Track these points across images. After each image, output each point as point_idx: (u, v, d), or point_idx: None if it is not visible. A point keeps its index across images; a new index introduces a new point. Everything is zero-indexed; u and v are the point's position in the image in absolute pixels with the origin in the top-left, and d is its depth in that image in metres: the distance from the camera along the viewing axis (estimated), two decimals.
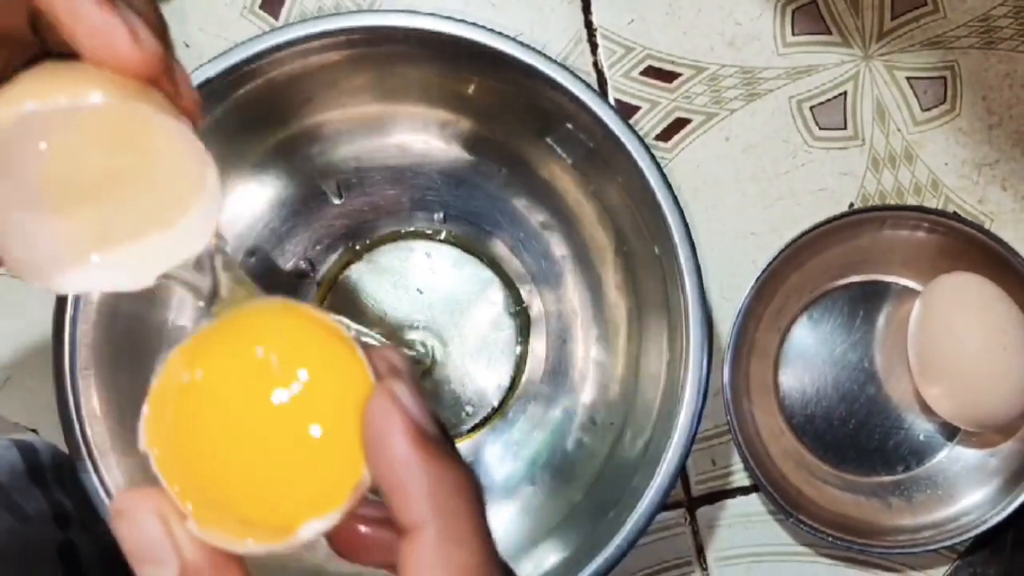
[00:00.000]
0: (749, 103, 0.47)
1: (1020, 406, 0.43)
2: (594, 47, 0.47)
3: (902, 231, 0.45)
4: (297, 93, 0.40)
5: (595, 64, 0.47)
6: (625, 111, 0.47)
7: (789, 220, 0.47)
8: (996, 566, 0.46)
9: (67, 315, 0.37)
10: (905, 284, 0.47)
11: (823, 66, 0.47)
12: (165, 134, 0.20)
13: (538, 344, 0.46)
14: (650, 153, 0.37)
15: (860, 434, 0.47)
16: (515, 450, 0.45)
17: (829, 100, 0.47)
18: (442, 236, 0.46)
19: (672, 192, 0.37)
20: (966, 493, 0.46)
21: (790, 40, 0.47)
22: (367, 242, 0.46)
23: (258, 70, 0.38)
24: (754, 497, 0.47)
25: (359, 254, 0.46)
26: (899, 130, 0.47)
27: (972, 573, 0.47)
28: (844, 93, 0.47)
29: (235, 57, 0.37)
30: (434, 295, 0.46)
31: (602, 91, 0.46)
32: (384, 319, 0.45)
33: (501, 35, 0.37)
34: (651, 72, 0.47)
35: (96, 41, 0.20)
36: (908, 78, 0.47)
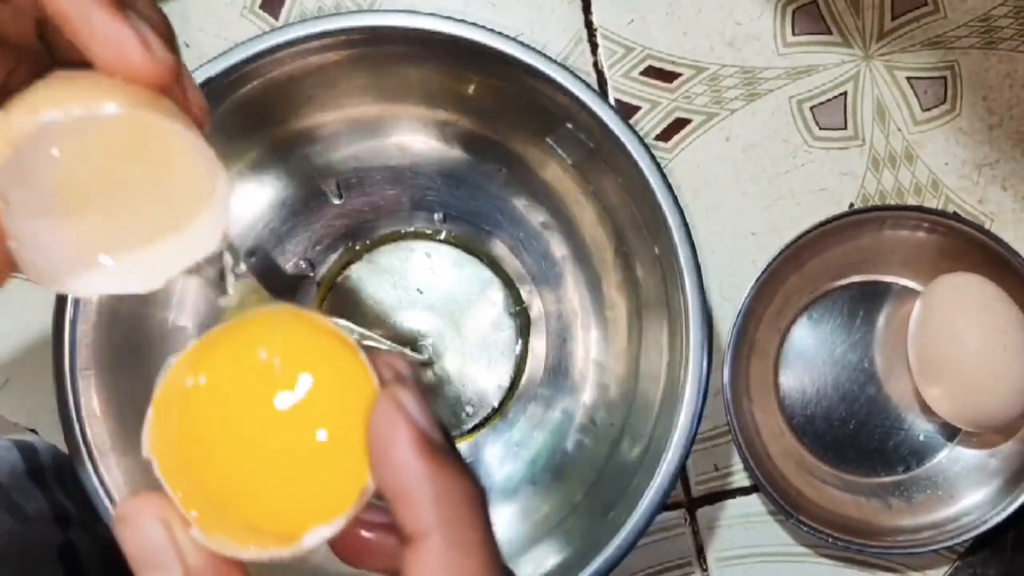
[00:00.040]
0: (749, 103, 0.47)
1: (1020, 406, 0.43)
2: (594, 47, 0.47)
3: (902, 231, 0.45)
4: (297, 93, 0.40)
5: (595, 64, 0.47)
6: (625, 111, 0.47)
7: (789, 220, 0.47)
8: (996, 567, 0.46)
9: (67, 315, 0.37)
10: (905, 284, 0.47)
11: (823, 66, 0.47)
12: (176, 142, 0.21)
13: (538, 344, 0.46)
14: (650, 153, 0.37)
15: (860, 434, 0.47)
16: (515, 450, 0.45)
17: (829, 100, 0.47)
18: (442, 236, 0.46)
19: (672, 192, 0.37)
20: (966, 493, 0.46)
21: (790, 40, 0.47)
22: (367, 242, 0.46)
23: (258, 70, 0.38)
24: (754, 497, 0.47)
25: (359, 254, 0.46)
26: (899, 130, 0.47)
27: (972, 574, 0.47)
28: (844, 93, 0.47)
29: (235, 57, 0.37)
30: (434, 295, 0.46)
31: (602, 91, 0.46)
32: (384, 319, 0.45)
33: (501, 35, 0.37)
34: (651, 72, 0.47)
35: (108, 51, 0.20)
36: (908, 78, 0.47)
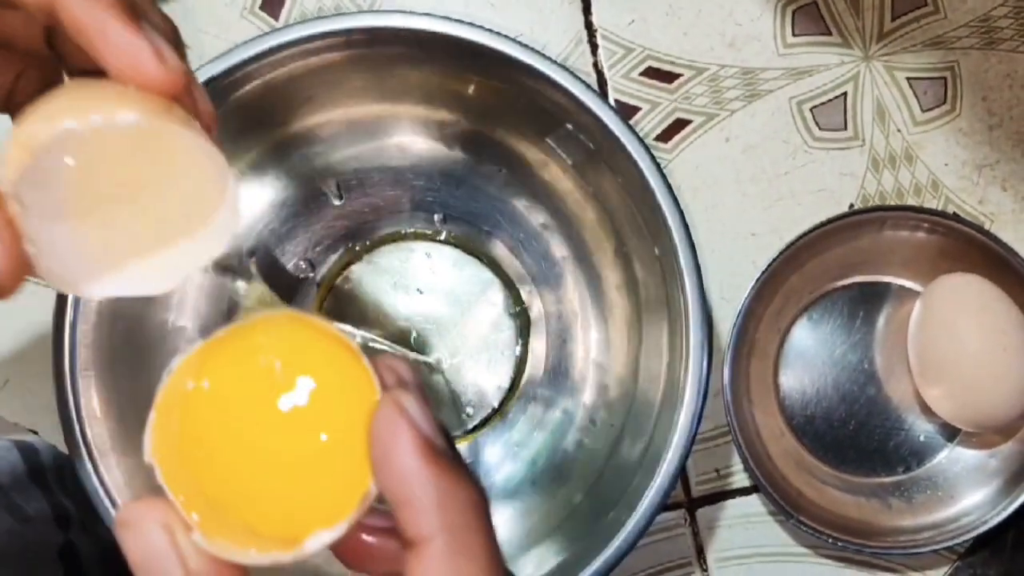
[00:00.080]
0: (749, 104, 0.47)
1: (1020, 407, 0.43)
2: (594, 48, 0.47)
3: (902, 232, 0.45)
4: (297, 94, 0.40)
5: (595, 65, 0.47)
6: (625, 112, 0.47)
7: (789, 221, 0.47)
8: (996, 567, 0.46)
9: (67, 316, 0.37)
10: (905, 285, 0.47)
11: (823, 67, 0.47)
12: (188, 150, 0.21)
13: (538, 345, 0.46)
14: (650, 154, 0.37)
15: (860, 435, 0.47)
16: (515, 451, 0.45)
17: (829, 101, 0.47)
18: (442, 237, 0.46)
19: (672, 193, 0.37)
20: (966, 494, 0.46)
21: (790, 41, 0.47)
22: (367, 243, 0.46)
23: (258, 71, 0.38)
24: (754, 498, 0.47)
25: (359, 255, 0.46)
26: (899, 131, 0.47)
27: (972, 574, 0.47)
28: (844, 94, 0.47)
29: (235, 58, 0.37)
30: (434, 296, 0.46)
31: (602, 92, 0.46)
32: (384, 320, 0.45)
33: (501, 36, 0.37)
34: (651, 73, 0.47)
35: (123, 61, 0.20)
36: (908, 79, 0.47)
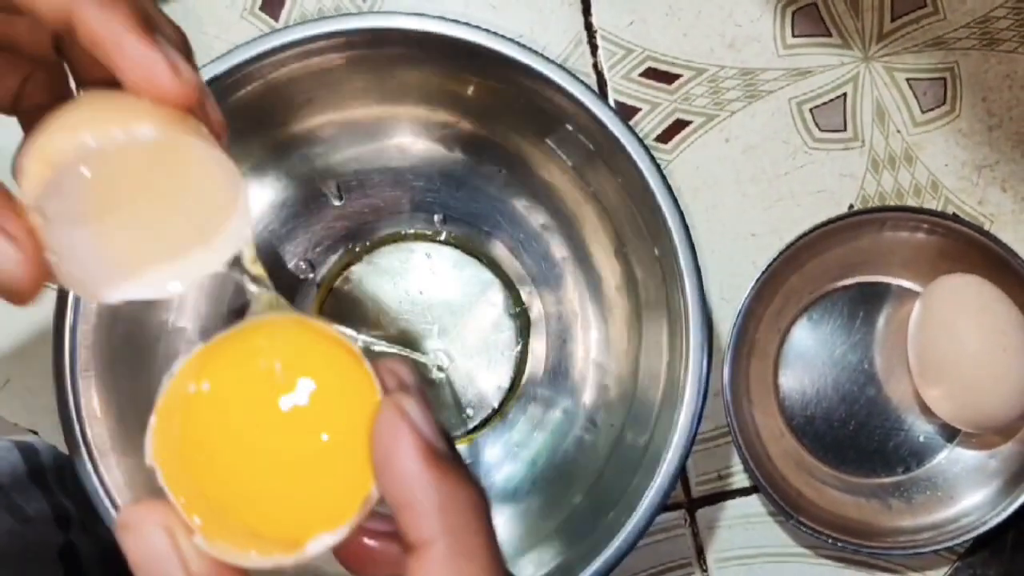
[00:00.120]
0: (749, 104, 0.47)
1: (1020, 407, 0.43)
2: (594, 49, 0.47)
3: (902, 232, 0.45)
4: (297, 95, 0.40)
5: (595, 66, 0.47)
6: (625, 112, 0.47)
7: (789, 221, 0.47)
8: (996, 567, 0.46)
9: (67, 317, 0.37)
10: (905, 285, 0.47)
11: (823, 68, 0.47)
12: (203, 161, 0.22)
13: (538, 345, 0.46)
14: (650, 154, 0.37)
15: (860, 435, 0.47)
16: (515, 451, 0.45)
17: (829, 102, 0.47)
18: (442, 237, 0.46)
19: (672, 193, 0.37)
20: (966, 494, 0.46)
21: (790, 42, 0.47)
22: (367, 243, 0.46)
23: (258, 72, 0.38)
24: (754, 498, 0.47)
25: (359, 256, 0.46)
26: (899, 131, 0.47)
27: (972, 574, 0.47)
28: (844, 95, 0.47)
29: (235, 59, 0.37)
30: (434, 297, 0.46)
31: (602, 93, 0.46)
32: (384, 321, 0.45)
33: (501, 37, 0.37)
34: (651, 74, 0.47)
35: (139, 74, 0.21)
36: (908, 79, 0.47)
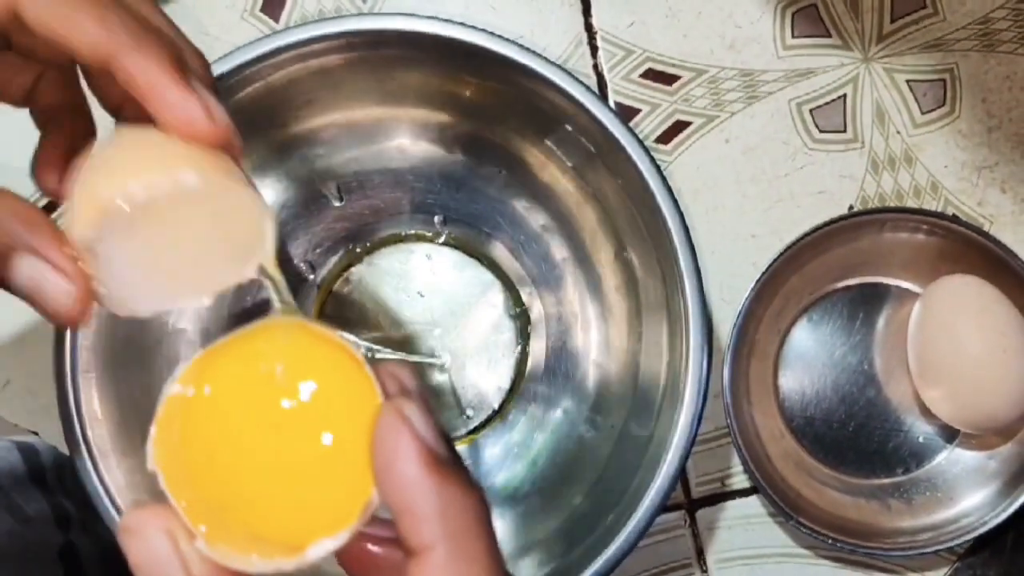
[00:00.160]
0: (749, 105, 0.47)
1: (1020, 408, 0.43)
2: (594, 50, 0.47)
3: (902, 233, 0.45)
4: (297, 96, 0.40)
5: (595, 67, 0.47)
6: (625, 113, 0.47)
7: (789, 222, 0.47)
8: (996, 568, 0.46)
9: None
10: (905, 286, 0.47)
11: (823, 69, 0.47)
12: (236, 199, 0.23)
13: (538, 346, 0.46)
14: (650, 155, 0.37)
15: (860, 436, 0.47)
16: (515, 452, 0.45)
17: (829, 103, 0.47)
18: (442, 239, 0.46)
19: (672, 194, 0.37)
20: (966, 495, 0.46)
21: (790, 43, 0.47)
22: (367, 245, 0.46)
23: (258, 73, 0.38)
24: (754, 499, 0.47)
25: (359, 257, 0.46)
26: (899, 132, 0.47)
27: (972, 575, 0.47)
28: (844, 96, 0.47)
29: (236, 60, 0.37)
30: (435, 297, 0.46)
31: (602, 94, 0.46)
32: (384, 322, 0.46)
33: (501, 38, 0.37)
34: (651, 75, 0.47)
35: (173, 116, 0.22)
36: (908, 81, 0.47)
